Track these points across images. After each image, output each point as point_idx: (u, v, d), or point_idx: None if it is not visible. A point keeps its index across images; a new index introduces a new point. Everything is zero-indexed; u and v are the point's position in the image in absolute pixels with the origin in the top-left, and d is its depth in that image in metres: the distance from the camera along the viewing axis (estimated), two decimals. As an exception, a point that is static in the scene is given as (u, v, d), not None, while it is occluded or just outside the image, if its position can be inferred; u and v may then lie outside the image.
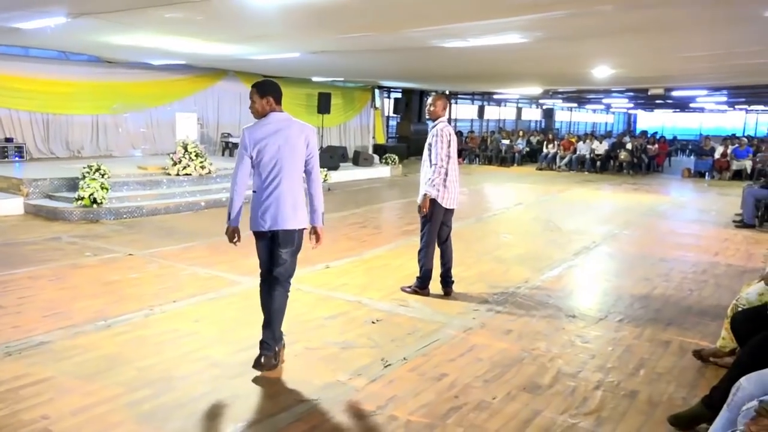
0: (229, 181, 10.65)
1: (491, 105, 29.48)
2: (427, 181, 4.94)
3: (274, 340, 3.66)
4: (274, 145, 3.49)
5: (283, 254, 3.57)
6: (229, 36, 8.61)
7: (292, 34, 8.28)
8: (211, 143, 14.87)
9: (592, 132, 26.02)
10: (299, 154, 3.54)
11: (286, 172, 3.52)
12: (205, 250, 6.78)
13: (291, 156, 3.51)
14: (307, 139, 3.56)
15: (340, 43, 8.82)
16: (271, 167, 3.51)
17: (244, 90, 15.74)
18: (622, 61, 10.54)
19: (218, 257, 6.45)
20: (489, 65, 11.21)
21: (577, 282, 6.00)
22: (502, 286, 5.62)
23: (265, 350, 3.63)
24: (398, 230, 8.37)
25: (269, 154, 3.49)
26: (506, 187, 14.39)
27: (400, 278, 5.73)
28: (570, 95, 24.74)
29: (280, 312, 3.67)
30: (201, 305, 4.86)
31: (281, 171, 3.51)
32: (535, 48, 8.65)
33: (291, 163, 3.52)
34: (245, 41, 9.03)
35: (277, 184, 3.52)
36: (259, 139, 3.49)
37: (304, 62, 11.53)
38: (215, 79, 14.80)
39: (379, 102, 20.69)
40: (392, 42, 8.52)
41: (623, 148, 19.00)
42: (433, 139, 4.93)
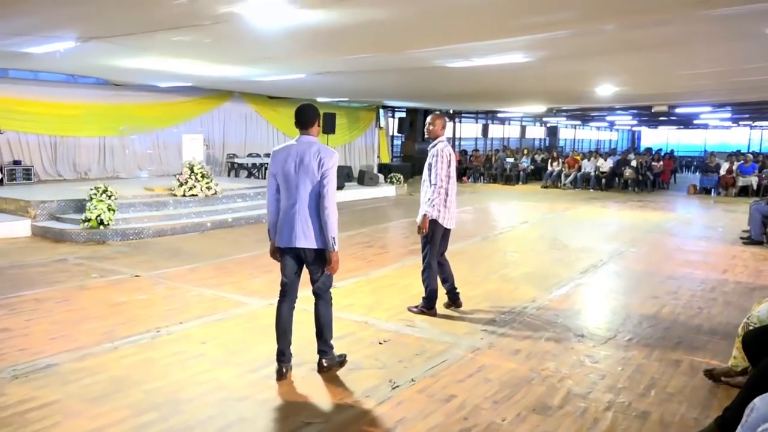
0: (234, 202, 10.78)
1: (495, 123, 29.60)
2: (427, 201, 4.96)
3: (329, 346, 3.95)
4: (290, 166, 3.68)
5: (317, 270, 3.79)
6: (236, 58, 8.71)
7: (297, 56, 8.37)
8: (217, 164, 14.94)
9: (597, 149, 26.05)
10: (312, 174, 3.64)
11: (300, 192, 3.67)
12: (211, 271, 6.78)
13: (304, 177, 3.65)
14: (321, 160, 3.64)
15: (345, 64, 8.90)
16: (287, 187, 3.71)
17: (249, 111, 15.88)
18: (626, 78, 10.59)
19: (225, 278, 6.45)
20: (493, 84, 11.28)
21: (585, 301, 5.96)
22: (510, 306, 5.59)
23: (323, 356, 3.93)
24: (404, 249, 8.36)
25: (285, 174, 3.71)
26: (511, 206, 14.38)
27: (407, 298, 5.71)
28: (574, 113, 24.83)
29: (328, 323, 3.93)
30: (208, 326, 4.85)
31: (296, 191, 3.68)
32: (539, 67, 8.70)
33: (305, 184, 3.66)
34: (251, 63, 9.12)
35: (291, 203, 3.70)
36: (278, 160, 3.74)
37: (309, 83, 11.63)
38: (221, 101, 14.93)
39: (383, 121, 20.81)
40: (396, 62, 8.59)
41: (628, 166, 18.99)
42: (433, 159, 4.96)
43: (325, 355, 3.94)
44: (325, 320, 3.91)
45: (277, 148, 3.82)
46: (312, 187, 3.65)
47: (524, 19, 5.72)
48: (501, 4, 5.13)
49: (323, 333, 3.91)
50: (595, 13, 5.46)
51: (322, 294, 3.89)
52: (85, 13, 5.90)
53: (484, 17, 5.64)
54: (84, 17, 6.08)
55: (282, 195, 3.75)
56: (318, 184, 3.64)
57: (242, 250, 7.98)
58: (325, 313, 3.91)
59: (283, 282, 3.88)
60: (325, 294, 3.89)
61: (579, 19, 5.63)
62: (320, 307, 3.90)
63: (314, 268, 3.79)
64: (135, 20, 6.08)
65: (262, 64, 9.18)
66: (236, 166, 14.90)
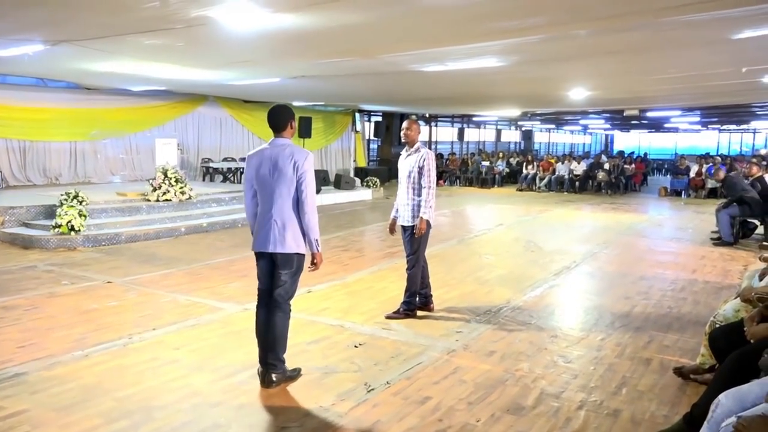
0: (209, 207, 10.69)
1: (471, 127, 29.81)
2: (424, 204, 5.03)
3: (279, 360, 3.79)
4: (265, 171, 3.67)
5: (283, 275, 3.72)
6: (210, 62, 8.65)
7: (272, 60, 8.34)
8: (192, 169, 14.80)
9: (571, 153, 26.40)
10: (288, 178, 3.62)
11: (275, 195, 3.65)
12: (185, 277, 6.72)
13: (279, 180, 3.63)
14: (296, 163, 3.61)
15: (321, 68, 8.90)
16: (263, 190, 3.71)
17: (224, 115, 15.76)
18: (598, 83, 10.77)
19: (199, 284, 6.40)
20: (468, 88, 11.37)
21: (559, 301, 6.04)
22: (485, 307, 5.63)
23: (272, 369, 3.75)
24: (380, 253, 8.37)
25: (260, 177, 3.70)
26: (487, 209, 14.50)
27: (382, 301, 5.73)
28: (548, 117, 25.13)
29: (282, 336, 3.78)
30: (181, 333, 4.81)
31: (271, 194, 3.67)
32: (513, 71, 8.81)
33: (280, 187, 3.64)
34: (226, 67, 9.06)
35: (267, 207, 3.69)
36: (253, 165, 3.74)
37: (284, 87, 11.59)
38: (195, 105, 14.80)
39: (359, 125, 20.80)
40: (372, 66, 8.62)
41: (601, 169, 19.30)
42: (424, 162, 5.04)
43: (275, 369, 3.76)
44: (279, 332, 3.75)
45: (252, 152, 3.80)
46: (288, 191, 3.64)
47: (497, 24, 5.80)
48: (474, 9, 5.19)
49: (275, 345, 3.74)
50: (566, 18, 5.55)
51: (281, 303, 3.75)
52: (54, 16, 5.81)
53: (458, 22, 5.70)
54: (53, 20, 5.99)
55: (259, 200, 3.75)
56: (295, 187, 3.63)
57: (217, 255, 7.91)
58: (280, 324, 3.76)
59: (260, 288, 3.86)
60: (284, 304, 3.77)
61: (550, 23, 5.72)
62: (277, 317, 3.74)
63: (281, 273, 3.72)
64: (106, 23, 6.01)
65: (237, 68, 9.12)
66: (211, 171, 14.78)
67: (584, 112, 20.77)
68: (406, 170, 5.16)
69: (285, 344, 3.82)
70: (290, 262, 3.71)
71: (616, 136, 45.14)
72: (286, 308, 3.79)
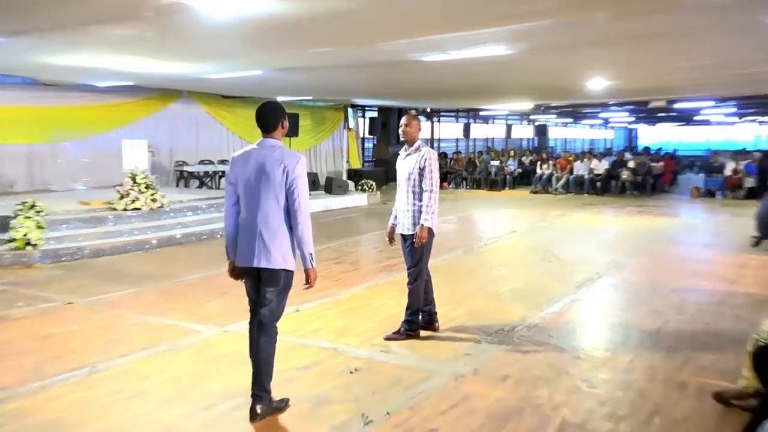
0: (184, 216, 10.66)
1: (478, 122, 29.85)
2: (425, 210, 5.00)
3: (265, 391, 3.77)
4: (250, 175, 3.67)
5: (267, 294, 3.72)
6: (184, 54, 8.65)
7: (253, 51, 8.35)
8: (164, 173, 14.76)
9: (591, 150, 26.42)
10: (276, 184, 3.62)
11: (261, 203, 3.66)
12: (157, 296, 6.69)
13: (267, 186, 3.63)
14: (286, 167, 3.62)
15: (308, 59, 8.91)
16: (247, 197, 3.71)
17: (201, 113, 15.76)
18: (619, 71, 10.79)
19: (172, 303, 6.37)
20: (474, 79, 11.40)
21: (581, 318, 6.03)
22: (497, 326, 5.61)
23: (258, 401, 3.73)
24: (378, 266, 8.35)
25: (245, 182, 3.70)
26: (498, 214, 14.49)
27: (381, 320, 5.70)
28: (564, 110, 25.18)
29: (267, 364, 3.76)
30: (153, 359, 4.77)
31: (257, 202, 3.67)
32: (523, 60, 8.83)
33: (267, 194, 3.64)
34: (202, 59, 9.07)
35: (251, 216, 3.70)
36: (237, 168, 3.74)
37: (267, 80, 11.60)
38: (168, 102, 14.78)
39: (352, 122, 20.86)
40: (366, 56, 8.63)
41: (625, 167, 19.32)
42: (426, 162, 5.03)
43: (260, 401, 3.73)
44: (264, 358, 3.74)
45: (237, 153, 3.82)
46: (277, 199, 3.64)
47: (503, 8, 5.80)
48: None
49: (260, 374, 3.73)
50: (582, 1, 5.56)
51: (266, 325, 3.75)
52: (7, 5, 5.80)
53: (460, 4, 5.70)
54: (6, 10, 5.98)
55: (242, 207, 3.75)
56: (284, 195, 3.64)
57: (193, 270, 7.89)
58: (266, 349, 3.74)
59: (250, 303, 3.88)
60: (270, 327, 3.77)
61: (565, 7, 5.73)
62: (262, 341, 3.73)
63: (266, 291, 3.72)
64: (67, 12, 6.00)
65: (215, 59, 9.13)
66: (186, 175, 14.75)
67: (605, 104, 20.80)
68: (405, 172, 5.16)
69: (271, 372, 3.79)
70: (276, 279, 3.71)
71: (641, 130, 45.31)
72: (272, 331, 3.79)
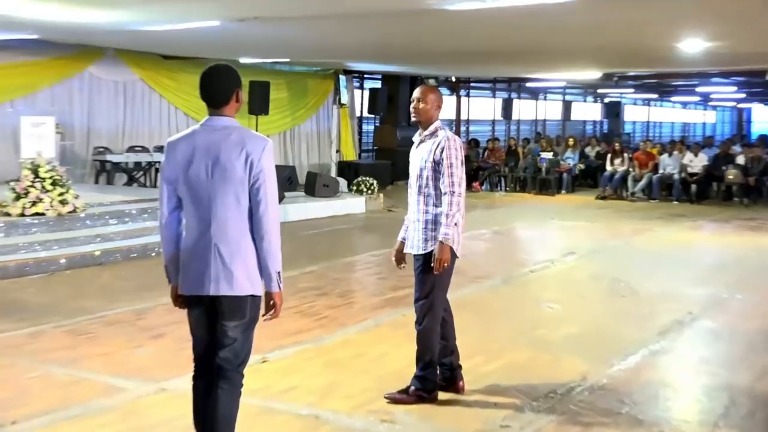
0: (106, 225, 10.67)
1: (523, 98, 29.93)
2: (444, 220, 4.98)
3: None
4: (198, 169, 3.68)
5: (230, 330, 3.74)
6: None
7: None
8: (78, 164, 14.81)
9: (683, 139, 26.43)
10: (236, 180, 3.64)
11: (216, 207, 3.67)
12: (65, 338, 6.68)
13: (222, 183, 3.65)
14: (249, 156, 3.64)
15: (285, 5, 8.94)
16: (194, 200, 3.72)
17: (131, 79, 15.82)
18: (724, 28, 10.79)
19: (87, 348, 6.36)
20: (519, 38, 11.42)
21: (665, 378, 6.00)
22: (547, 387, 5.59)
23: None
24: (378, 299, 8.34)
25: (190, 179, 3.70)
26: (550, 228, 14.45)
27: (381, 377, 5.69)
28: (646, 82, 25.22)
29: (226, 425, 3.75)
30: (58, 428, 4.75)
31: (209, 206, 3.69)
32: (591, 10, 8.83)
33: (223, 195, 3.66)
34: (134, 2, 9.09)
35: (202, 225, 3.71)
36: (177, 159, 3.73)
37: (227, 35, 11.63)
38: (85, 63, 14.86)
39: (346, 96, 20.85)
40: (369, 3, 8.65)
41: (732, 164, 19.29)
42: (444, 153, 5.00)
43: None
44: (224, 415, 3.74)
45: (173, 138, 3.84)
46: (237, 200, 3.67)
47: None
48: None
49: None
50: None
51: (228, 372, 3.76)
52: None
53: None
54: None
55: (187, 213, 3.78)
56: (247, 195, 3.67)
57: (118, 301, 7.89)
58: (227, 404, 3.76)
59: (196, 351, 3.87)
60: (234, 373, 3.79)
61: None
62: (222, 394, 3.74)
63: (226, 326, 3.73)
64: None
65: (153, 3, 9.16)
66: (109, 168, 14.78)
67: (703, 74, 20.81)
68: (416, 167, 5.16)
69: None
70: (241, 309, 3.72)
71: (755, 111, 45.28)
72: (237, 380, 3.81)
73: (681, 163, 19.39)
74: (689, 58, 13.93)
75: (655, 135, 38.49)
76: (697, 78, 22.94)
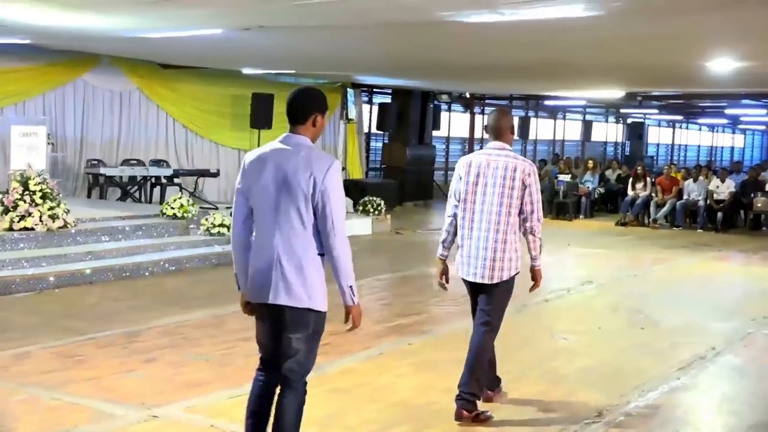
0: (98, 243, 10.68)
1: (541, 117, 30.00)
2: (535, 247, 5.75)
3: None
4: (267, 182, 3.99)
5: (294, 341, 4.04)
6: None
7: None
8: (71, 177, 14.80)
9: (709, 163, 26.40)
10: (301, 197, 3.93)
11: (280, 220, 3.98)
12: (53, 360, 6.66)
13: (287, 198, 3.96)
14: (313, 175, 3.91)
15: (291, 14, 8.99)
16: (263, 214, 4.05)
17: (127, 88, 15.80)
18: (756, 46, 10.81)
19: (76, 371, 6.34)
20: (537, 53, 11.43)
21: (687, 416, 5.97)
22: (561, 422, 5.59)
23: None
24: (384, 327, 8.33)
25: (259, 191, 4.03)
26: (566, 255, 14.42)
27: (387, 407, 5.68)
28: (671, 102, 25.19)
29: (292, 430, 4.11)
30: (44, 454, 4.79)
31: (274, 219, 3.99)
32: (613, 26, 8.87)
33: (287, 209, 3.95)
34: (131, 6, 9.13)
35: (267, 237, 4.02)
36: (250, 172, 4.07)
37: (229, 44, 11.67)
38: (80, 70, 14.86)
39: (354, 111, 20.86)
40: (377, 13, 8.69)
41: (761, 191, 19.28)
42: (528, 178, 5.52)
43: None
44: (289, 424, 4.09)
45: (251, 153, 4.18)
46: (301, 216, 3.94)
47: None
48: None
49: None
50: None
51: (293, 381, 4.09)
52: None
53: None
54: None
55: (256, 224, 4.10)
56: (311, 212, 3.95)
57: (109, 322, 7.87)
58: (291, 412, 4.10)
59: (261, 351, 4.23)
60: (298, 383, 4.12)
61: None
62: (287, 403, 4.09)
63: (290, 338, 4.02)
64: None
65: (152, 8, 9.20)
66: (103, 182, 14.73)
67: (732, 95, 20.80)
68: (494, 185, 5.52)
69: None
70: (304, 322, 4.02)
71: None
72: (300, 389, 4.14)
73: (707, 189, 19.31)
74: (718, 78, 13.91)
75: (679, 159, 38.47)
76: (725, 99, 22.92)
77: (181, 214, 11.89)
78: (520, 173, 5.44)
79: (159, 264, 10.50)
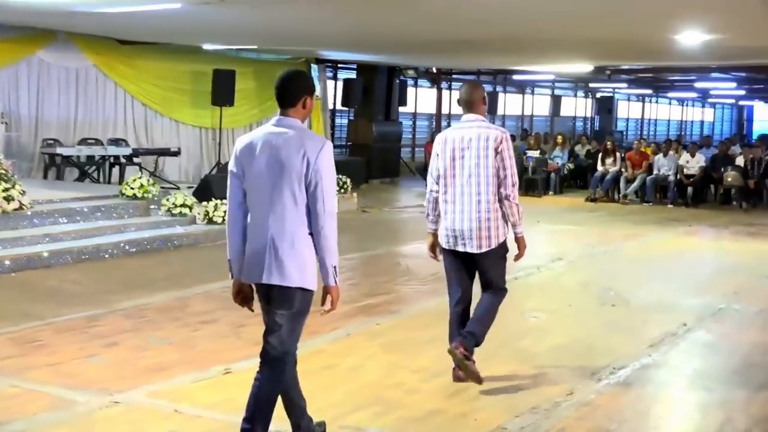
0: (55, 224, 10.59)
1: (509, 92, 30.04)
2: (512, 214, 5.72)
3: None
4: (260, 164, 4.13)
5: (277, 316, 4.20)
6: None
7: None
8: (26, 157, 14.68)
9: (679, 138, 26.56)
10: (294, 177, 4.08)
11: (274, 201, 4.12)
12: (10, 346, 6.60)
13: (281, 179, 4.10)
14: (306, 155, 4.06)
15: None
16: (256, 193, 4.19)
17: (84, 65, 15.64)
18: (725, 19, 10.85)
19: (35, 357, 6.30)
20: (505, 26, 11.44)
21: (657, 393, 6.00)
22: (530, 402, 5.58)
23: None
24: (350, 307, 8.31)
25: (253, 174, 4.16)
26: (536, 232, 14.44)
27: (354, 390, 5.68)
28: (640, 76, 25.33)
29: (266, 406, 4.24)
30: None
31: (268, 200, 4.14)
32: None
33: (280, 190, 4.10)
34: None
35: (261, 218, 4.17)
36: (243, 154, 4.21)
37: (189, 19, 11.59)
38: (34, 47, 14.68)
39: (318, 87, 20.83)
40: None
41: (731, 165, 19.42)
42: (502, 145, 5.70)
43: None
44: (264, 399, 4.22)
45: (243, 137, 4.31)
46: (294, 196, 4.10)
47: None
48: None
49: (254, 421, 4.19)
50: None
51: (273, 357, 4.21)
52: None
53: None
54: None
55: (250, 207, 4.24)
56: (304, 192, 4.09)
57: (68, 307, 7.82)
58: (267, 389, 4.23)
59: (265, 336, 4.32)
60: (277, 361, 4.21)
61: None
62: (263, 378, 4.22)
63: (276, 314, 4.18)
64: None
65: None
66: (59, 162, 14.62)
67: (702, 68, 20.91)
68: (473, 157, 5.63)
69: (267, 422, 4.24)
70: (289, 300, 4.16)
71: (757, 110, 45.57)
72: (280, 366, 4.23)
73: (677, 163, 19.43)
74: (687, 51, 13.98)
75: (649, 133, 38.70)
76: (695, 73, 23.05)
77: (141, 194, 11.78)
78: (493, 141, 5.63)
79: (119, 246, 10.41)
